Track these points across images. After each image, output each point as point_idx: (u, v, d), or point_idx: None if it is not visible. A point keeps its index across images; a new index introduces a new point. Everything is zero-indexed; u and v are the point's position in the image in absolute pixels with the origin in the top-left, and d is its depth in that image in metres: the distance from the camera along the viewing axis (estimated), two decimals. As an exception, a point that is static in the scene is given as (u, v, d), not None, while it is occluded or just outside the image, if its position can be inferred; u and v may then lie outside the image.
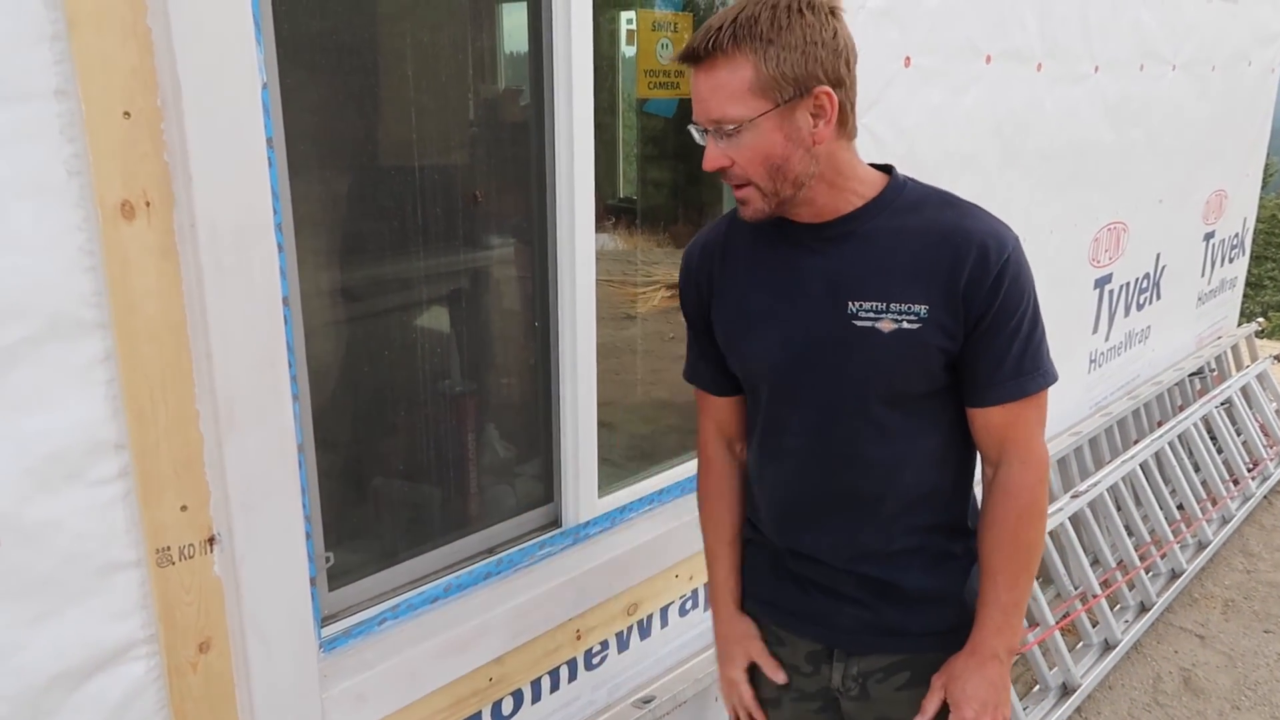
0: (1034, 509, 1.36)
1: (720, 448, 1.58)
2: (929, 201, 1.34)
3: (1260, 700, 3.03)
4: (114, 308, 1.18)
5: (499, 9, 1.86)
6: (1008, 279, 1.27)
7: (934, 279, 1.28)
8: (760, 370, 1.42)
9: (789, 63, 1.20)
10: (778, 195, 1.28)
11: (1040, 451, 1.37)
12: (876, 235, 1.32)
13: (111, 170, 1.15)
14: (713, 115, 1.24)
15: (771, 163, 1.25)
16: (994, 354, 1.31)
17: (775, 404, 1.42)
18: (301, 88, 1.48)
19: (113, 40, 1.13)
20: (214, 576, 1.35)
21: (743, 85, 1.20)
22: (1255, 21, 4.39)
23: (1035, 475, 1.36)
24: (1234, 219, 4.96)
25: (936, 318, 1.28)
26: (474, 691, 1.80)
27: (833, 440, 1.38)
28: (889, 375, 1.32)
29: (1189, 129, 4.07)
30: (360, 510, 1.80)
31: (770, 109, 1.21)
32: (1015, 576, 1.36)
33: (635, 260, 2.45)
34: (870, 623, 1.44)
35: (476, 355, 1.98)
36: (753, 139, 1.23)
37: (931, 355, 1.30)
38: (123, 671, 1.28)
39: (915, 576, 1.42)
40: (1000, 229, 1.31)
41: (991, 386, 1.33)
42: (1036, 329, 1.33)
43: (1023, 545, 1.36)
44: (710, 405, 1.57)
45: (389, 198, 1.69)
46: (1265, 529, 4.21)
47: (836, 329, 1.32)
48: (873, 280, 1.31)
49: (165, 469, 1.27)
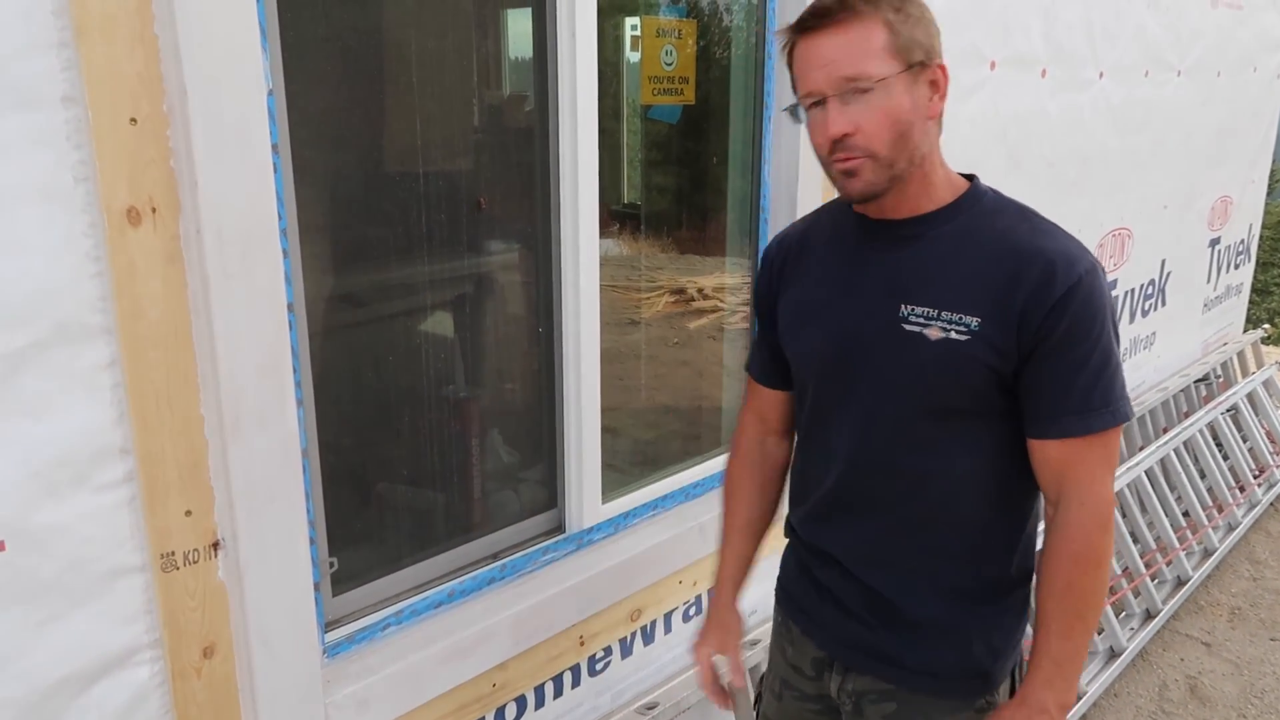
0: (1090, 555, 1.26)
1: (753, 438, 1.59)
2: (1006, 213, 1.30)
3: (1267, 709, 3.02)
4: (120, 313, 1.19)
5: (504, 15, 1.87)
6: (1074, 304, 1.20)
7: (991, 293, 1.23)
8: (808, 363, 1.41)
9: (918, 29, 1.21)
10: (893, 168, 1.24)
11: (1103, 495, 1.27)
12: (943, 240, 1.29)
13: (118, 176, 1.16)
14: (845, 73, 1.19)
15: (899, 128, 1.21)
16: (1056, 384, 1.23)
17: (820, 400, 1.41)
18: (307, 94, 1.48)
19: (120, 48, 1.14)
20: (218, 581, 1.35)
21: (878, 44, 1.19)
22: (1261, 28, 4.39)
23: (1094, 520, 1.26)
24: (1240, 225, 4.95)
25: (987, 333, 1.23)
26: (477, 697, 1.79)
27: (870, 443, 1.35)
28: (929, 385, 1.28)
29: (1194, 135, 4.07)
30: (364, 515, 1.81)
31: (903, 70, 1.20)
32: (1068, 626, 1.27)
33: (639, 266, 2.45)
34: (867, 643, 1.41)
35: (480, 360, 1.98)
36: (883, 100, 1.20)
37: (977, 371, 1.25)
38: (127, 676, 1.29)
39: (921, 602, 1.36)
40: (1076, 251, 1.24)
41: (1051, 418, 1.25)
42: (1109, 363, 1.24)
43: (1076, 593, 1.26)
44: (755, 393, 1.58)
45: (394, 203, 1.69)
46: (1272, 536, 4.19)
47: (885, 330, 1.30)
48: (929, 286, 1.27)
49: (170, 474, 1.27)
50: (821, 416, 1.41)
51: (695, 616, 2.31)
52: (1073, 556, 1.26)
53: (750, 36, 2.24)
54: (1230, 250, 4.96)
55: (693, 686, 2.18)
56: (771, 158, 2.27)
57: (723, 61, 2.29)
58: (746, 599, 2.42)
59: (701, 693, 2.18)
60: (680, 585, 2.22)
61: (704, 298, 2.57)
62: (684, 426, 2.52)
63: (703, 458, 2.38)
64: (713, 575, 1.62)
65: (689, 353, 2.58)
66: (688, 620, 2.29)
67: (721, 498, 1.63)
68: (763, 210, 2.31)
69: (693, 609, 2.30)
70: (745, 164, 2.32)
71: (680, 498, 2.28)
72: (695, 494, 2.31)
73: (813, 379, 1.41)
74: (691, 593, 2.26)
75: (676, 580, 2.20)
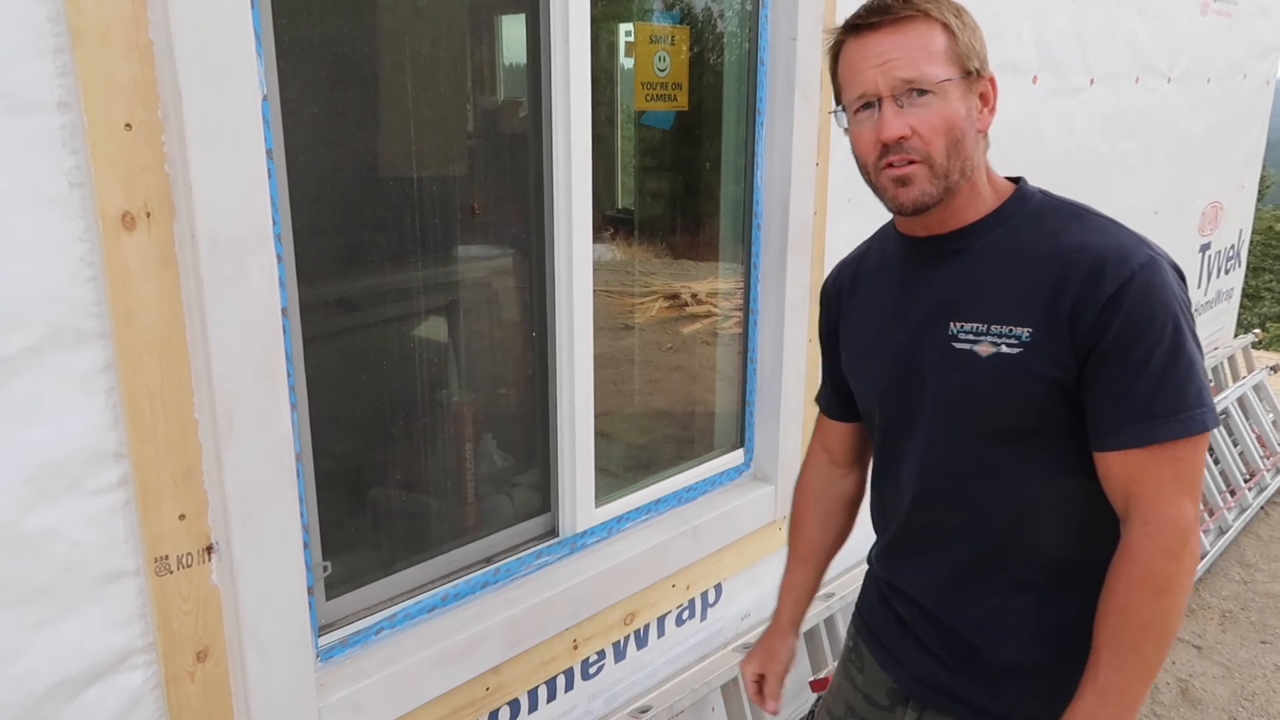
0: (1150, 581, 1.13)
1: (819, 468, 1.58)
2: (1055, 214, 1.23)
3: (1257, 711, 3.03)
4: (114, 318, 1.19)
5: (498, 21, 1.88)
6: (1129, 300, 1.11)
7: (1040, 300, 1.16)
8: (872, 395, 1.37)
9: (975, 38, 1.19)
10: (947, 177, 1.18)
11: (1171, 516, 1.13)
12: (988, 251, 1.23)
13: (113, 181, 1.16)
14: (904, 74, 1.15)
15: (954, 135, 1.16)
16: (1114, 389, 1.13)
17: (886, 431, 1.36)
18: (301, 99, 1.49)
19: (115, 53, 1.14)
20: (212, 585, 1.36)
21: (939, 47, 1.15)
22: (1250, 35, 4.42)
23: (1158, 543, 1.13)
24: (1230, 231, 4.98)
25: (1040, 342, 1.15)
26: (471, 701, 1.80)
27: (933, 471, 1.29)
28: (984, 404, 1.20)
29: (1184, 141, 4.09)
30: (358, 520, 1.81)
31: (960, 76, 1.16)
32: (1120, 656, 1.15)
33: (633, 271, 2.46)
34: (948, 686, 1.33)
35: (474, 365, 1.98)
36: (941, 105, 1.15)
37: (1034, 385, 1.16)
38: (121, 680, 1.29)
39: (1004, 644, 1.27)
40: (1130, 245, 1.15)
41: (1110, 428, 1.14)
42: (1177, 364, 1.12)
43: (1132, 621, 1.14)
44: (822, 425, 1.58)
45: (388, 208, 1.70)
46: (1262, 540, 4.21)
47: (937, 351, 1.24)
48: (976, 300, 1.21)
49: (164, 478, 1.27)
50: (889, 449, 1.37)
51: (689, 620, 2.32)
52: (1130, 581, 1.14)
53: (743, 43, 2.25)
54: (1221, 255, 4.98)
55: (686, 690, 2.19)
56: (764, 164, 2.29)
57: (716, 68, 2.30)
58: (739, 602, 2.44)
59: (695, 696, 2.19)
60: (673, 589, 2.23)
61: (697, 303, 2.58)
62: (677, 431, 2.53)
63: (695, 462, 2.39)
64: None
65: (682, 358, 2.59)
66: (681, 624, 2.30)
67: (789, 527, 1.63)
68: (756, 216, 2.32)
69: (686, 612, 2.30)
70: (738, 170, 2.34)
71: (673, 501, 2.29)
72: (688, 498, 2.32)
73: (878, 411, 1.37)
74: (684, 596, 2.27)
75: (670, 584, 2.21)
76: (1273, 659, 3.31)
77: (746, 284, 2.39)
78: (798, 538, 1.59)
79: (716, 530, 2.29)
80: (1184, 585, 1.15)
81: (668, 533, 2.18)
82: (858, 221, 2.49)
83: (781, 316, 2.34)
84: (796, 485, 1.62)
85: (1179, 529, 1.13)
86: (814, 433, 1.61)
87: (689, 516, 2.26)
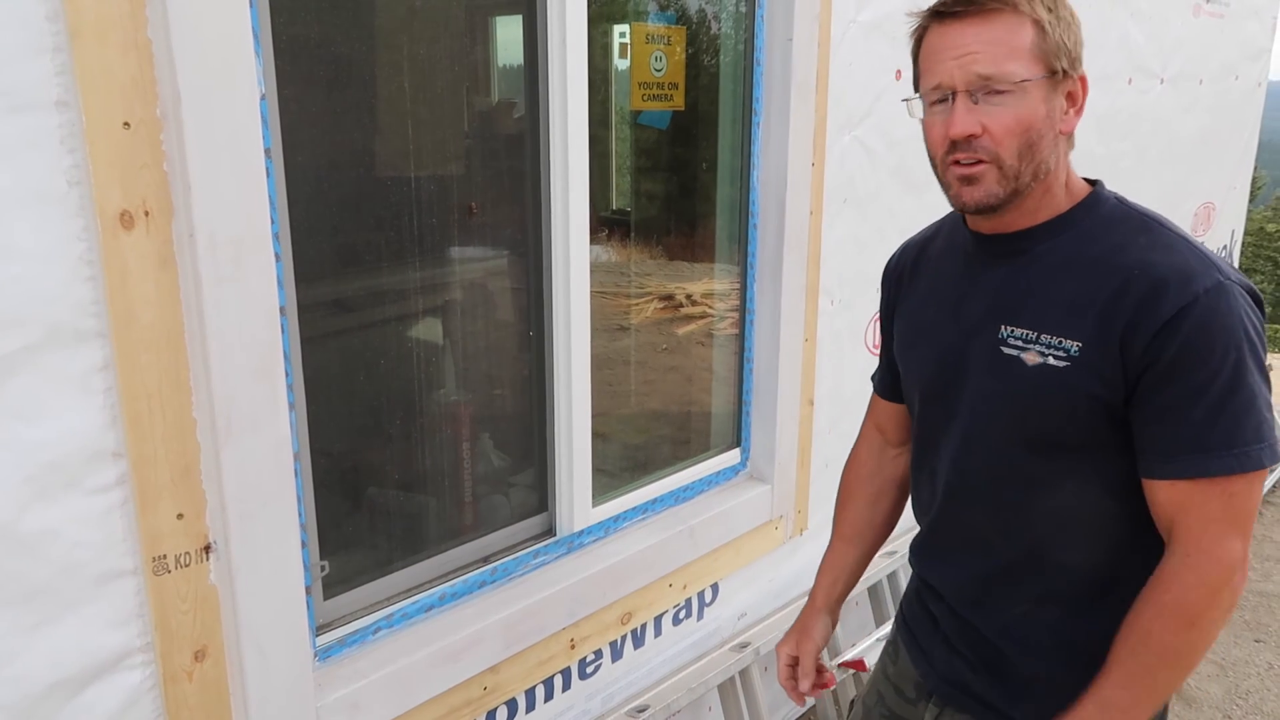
0: (1181, 612, 1.10)
1: (871, 448, 1.56)
2: (1125, 225, 1.17)
3: (1251, 709, 3.04)
4: (112, 317, 1.19)
5: (495, 21, 1.88)
6: (1188, 326, 1.06)
7: (1094, 314, 1.12)
8: (914, 386, 1.36)
9: (1069, 35, 1.12)
10: (1017, 180, 1.14)
11: (1216, 554, 1.09)
12: (1049, 256, 1.18)
13: (111, 180, 1.16)
14: (982, 70, 1.10)
15: (1028, 138, 1.11)
16: (1166, 417, 1.09)
17: (925, 423, 1.35)
18: (300, 99, 1.49)
19: (113, 52, 1.14)
20: (210, 585, 1.35)
21: (1025, 43, 1.09)
22: (1242, 36, 4.44)
23: (1198, 576, 1.09)
24: (1222, 231, 5.00)
25: (1089, 359, 1.12)
26: (468, 701, 1.80)
27: (968, 473, 1.27)
28: (1024, 413, 1.18)
29: (1177, 142, 4.11)
30: (355, 519, 1.81)
31: (1044, 76, 1.10)
32: (1131, 676, 1.13)
33: (629, 272, 2.47)
34: (970, 687, 1.32)
35: (472, 365, 1.98)
36: (1018, 105, 1.10)
37: (1078, 400, 1.13)
38: (119, 680, 1.29)
39: (1031, 654, 1.25)
40: (1198, 267, 1.09)
41: (1159, 457, 1.11)
42: (1237, 395, 1.07)
43: (1154, 647, 1.11)
44: (875, 404, 1.56)
45: (386, 208, 1.70)
46: (1255, 539, 4.22)
47: (985, 352, 1.21)
48: (1030, 306, 1.18)
49: (162, 477, 1.27)
50: (926, 441, 1.36)
51: (686, 620, 2.32)
52: (1160, 607, 1.11)
53: (739, 43, 2.26)
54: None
55: (683, 689, 2.19)
56: (760, 164, 2.29)
57: (712, 68, 2.31)
58: (736, 601, 2.45)
59: (692, 696, 2.20)
60: (670, 588, 2.23)
61: (693, 304, 2.59)
62: (673, 431, 2.53)
63: (691, 461, 2.40)
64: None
65: (678, 358, 2.59)
66: (678, 623, 2.30)
67: (835, 506, 1.59)
68: (752, 216, 2.33)
69: (683, 612, 2.31)
70: (734, 171, 2.34)
71: (670, 501, 2.29)
72: (685, 497, 2.32)
73: (919, 400, 1.36)
74: (681, 595, 2.27)
75: (667, 583, 2.21)
76: (1266, 657, 3.33)
77: (743, 284, 2.39)
78: (844, 516, 1.56)
79: (713, 530, 2.29)
80: (1216, 622, 1.12)
81: (664, 532, 2.18)
82: (854, 222, 2.50)
83: (778, 316, 2.34)
84: (847, 464, 1.59)
85: (1223, 566, 1.09)
86: (867, 412, 1.59)
87: (685, 516, 2.26)
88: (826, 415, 2.58)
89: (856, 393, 2.57)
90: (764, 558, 2.49)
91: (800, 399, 2.46)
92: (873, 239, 2.55)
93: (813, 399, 2.51)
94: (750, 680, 2.38)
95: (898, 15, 2.44)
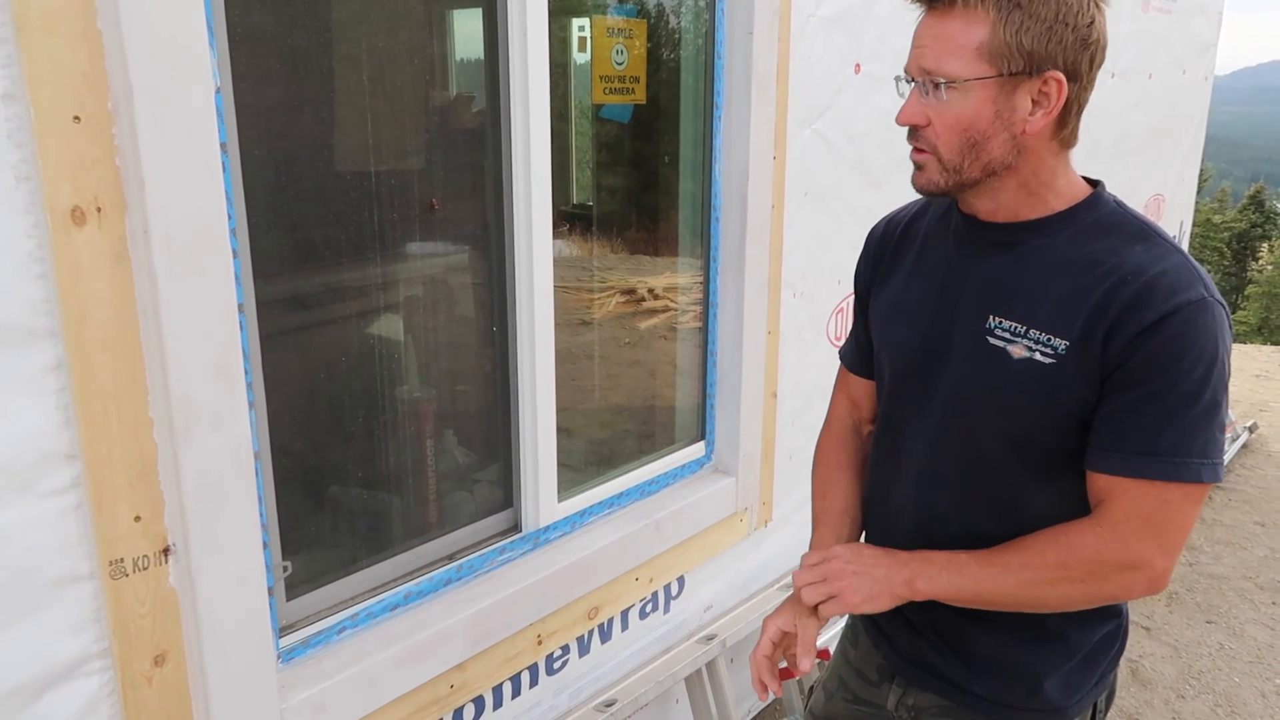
0: (1061, 558, 1.15)
1: (847, 421, 1.53)
2: (1123, 230, 1.17)
3: (1204, 689, 3.12)
4: (65, 315, 1.16)
5: (456, 14, 1.86)
6: (1164, 334, 1.07)
7: (1082, 313, 1.12)
8: (891, 364, 1.35)
9: (1031, 34, 1.08)
10: (959, 174, 1.16)
11: (1128, 541, 1.12)
12: (1045, 252, 1.18)
13: (61, 176, 1.13)
14: (925, 65, 1.13)
15: (969, 136, 1.13)
16: (1121, 414, 1.11)
17: (895, 402, 1.35)
18: (257, 92, 1.46)
19: (62, 43, 1.11)
20: (169, 588, 1.33)
21: (970, 42, 1.09)
22: (1189, 32, 4.53)
23: (1096, 545, 1.13)
24: (1171, 222, 5.11)
25: (1075, 359, 1.12)
26: (435, 699, 1.79)
27: (939, 459, 1.28)
28: (1004, 406, 1.18)
29: (1128, 135, 4.19)
30: (318, 518, 1.79)
31: (990, 76, 1.10)
32: (992, 563, 1.18)
33: (591, 266, 2.46)
34: (935, 667, 1.35)
35: (435, 361, 1.97)
36: (959, 103, 1.11)
37: (1060, 400, 1.14)
38: (76, 687, 1.26)
39: (992, 635, 1.29)
40: (1186, 280, 1.10)
41: (1104, 449, 1.13)
42: (1193, 409, 1.08)
43: (1034, 563, 1.16)
44: (845, 379, 1.53)
45: (346, 203, 1.67)
46: (1206, 523, 4.34)
47: (970, 340, 1.22)
48: (1022, 299, 1.18)
49: (119, 479, 1.25)
50: (894, 422, 1.36)
51: (652, 613, 2.33)
52: (1052, 536, 1.16)
53: (700, 37, 2.26)
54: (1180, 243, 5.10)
55: (650, 682, 2.20)
56: (722, 158, 2.30)
57: (673, 61, 2.31)
58: (702, 594, 2.45)
59: (660, 689, 2.20)
60: (637, 582, 2.23)
61: (655, 298, 2.59)
62: (637, 425, 2.53)
63: (656, 455, 2.40)
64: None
65: (641, 352, 2.59)
66: (644, 617, 2.31)
67: (813, 483, 1.52)
68: (714, 210, 2.33)
69: (649, 605, 2.31)
70: (696, 164, 2.34)
71: (635, 495, 2.29)
72: (650, 491, 2.33)
73: (890, 377, 1.35)
74: (648, 589, 2.28)
75: (633, 577, 2.21)
76: (1217, 638, 3.42)
77: (705, 277, 2.40)
78: (833, 492, 1.48)
79: (679, 523, 2.30)
80: (1074, 597, 1.18)
81: (630, 526, 2.18)
82: (815, 214, 2.51)
83: (741, 309, 2.35)
84: (823, 440, 1.55)
85: (1127, 554, 1.13)
86: (835, 389, 1.56)
87: (651, 510, 2.26)
88: (790, 407, 2.60)
89: (819, 384, 2.59)
90: (730, 550, 2.51)
91: (764, 391, 2.47)
92: (834, 232, 2.57)
93: (776, 391, 2.52)
94: (717, 672, 2.39)
95: (857, 9, 2.46)
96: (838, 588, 1.23)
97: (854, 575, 1.23)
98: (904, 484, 1.34)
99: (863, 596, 1.22)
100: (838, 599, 1.24)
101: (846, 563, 1.25)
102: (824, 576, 1.25)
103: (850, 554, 1.27)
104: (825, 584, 1.25)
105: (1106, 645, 1.32)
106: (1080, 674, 1.31)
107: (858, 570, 1.24)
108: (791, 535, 2.72)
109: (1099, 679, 1.33)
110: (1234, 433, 5.25)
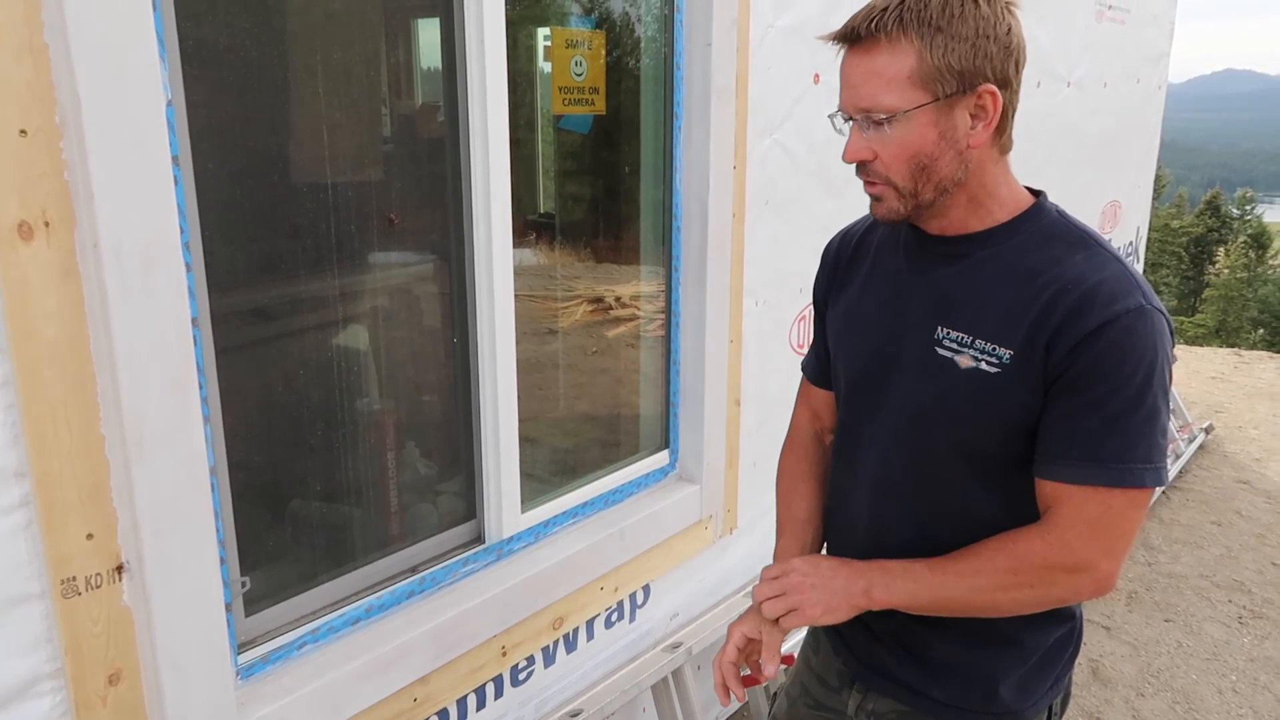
0: (1011, 562, 1.17)
1: (809, 431, 1.54)
2: (1065, 239, 1.20)
3: (1162, 686, 3.17)
4: (11, 331, 1.15)
5: (412, 24, 1.86)
6: (1104, 341, 1.09)
7: (1025, 323, 1.14)
8: (846, 375, 1.37)
9: (956, 54, 1.10)
10: (916, 198, 1.18)
11: (1074, 546, 1.14)
12: (990, 263, 1.21)
13: (7, 190, 1.12)
14: (862, 103, 1.14)
15: (918, 162, 1.15)
16: (1064, 423, 1.13)
17: (851, 414, 1.37)
18: (209, 105, 1.45)
19: (6, 56, 1.10)
20: (123, 606, 1.31)
21: (901, 73, 1.11)
22: (1143, 41, 4.63)
23: (1044, 551, 1.15)
24: (1129, 228, 5.20)
25: (1019, 368, 1.14)
26: (398, 713, 1.77)
27: (891, 468, 1.30)
28: (952, 416, 1.21)
29: (1084, 143, 4.26)
30: (277, 533, 1.77)
31: (928, 102, 1.12)
32: (947, 569, 1.20)
33: (555, 275, 2.46)
34: (893, 673, 1.37)
35: (395, 373, 1.96)
36: (903, 133, 1.13)
37: (1006, 408, 1.16)
38: (28, 708, 1.24)
39: (948, 641, 1.31)
40: (1125, 288, 1.12)
41: (1049, 457, 1.15)
42: (1135, 414, 1.10)
43: (986, 572, 1.18)
44: (807, 391, 1.55)
45: (302, 215, 1.66)
46: (1164, 523, 4.41)
47: (920, 352, 1.24)
48: (968, 310, 1.20)
49: (70, 496, 1.23)
50: (850, 432, 1.38)
51: (618, 622, 2.33)
52: (1000, 544, 1.18)
53: (660, 48, 2.27)
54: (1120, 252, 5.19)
55: (616, 692, 2.20)
56: (683, 167, 2.31)
57: (633, 73, 2.32)
58: (667, 602, 2.46)
59: (626, 698, 2.20)
60: (602, 592, 2.23)
61: (621, 306, 2.60)
62: (603, 434, 2.53)
63: (621, 464, 2.40)
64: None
65: (607, 361, 2.59)
66: (610, 626, 2.31)
67: (777, 493, 1.54)
68: (675, 219, 2.35)
69: (614, 615, 2.31)
70: (657, 173, 2.36)
71: (600, 504, 2.29)
72: (615, 500, 2.33)
73: (847, 388, 1.37)
74: (613, 599, 2.28)
75: (598, 587, 2.21)
76: (1175, 636, 3.48)
77: (668, 286, 2.41)
78: (796, 500, 1.49)
79: (643, 531, 2.30)
80: (1025, 600, 1.19)
81: (595, 535, 2.18)
82: (776, 224, 2.53)
83: (703, 318, 2.37)
84: (782, 459, 1.56)
85: (1073, 559, 1.15)
86: (798, 400, 1.58)
87: (616, 519, 2.26)
88: (754, 415, 2.61)
89: (782, 392, 2.61)
90: (695, 558, 2.51)
91: (727, 399, 2.49)
92: (795, 240, 2.59)
93: (739, 399, 2.54)
94: (683, 680, 2.40)
95: (815, 20, 2.49)
96: (797, 600, 1.25)
97: (812, 588, 1.25)
98: (860, 493, 1.36)
99: (822, 609, 1.24)
100: (798, 612, 1.25)
101: (804, 575, 1.27)
102: (784, 590, 1.26)
103: (808, 566, 1.28)
104: (785, 598, 1.26)
105: (1060, 649, 1.35)
106: (1035, 677, 1.33)
107: (816, 583, 1.25)
108: (757, 542, 2.73)
109: (1054, 682, 1.36)
110: (1190, 434, 5.35)
